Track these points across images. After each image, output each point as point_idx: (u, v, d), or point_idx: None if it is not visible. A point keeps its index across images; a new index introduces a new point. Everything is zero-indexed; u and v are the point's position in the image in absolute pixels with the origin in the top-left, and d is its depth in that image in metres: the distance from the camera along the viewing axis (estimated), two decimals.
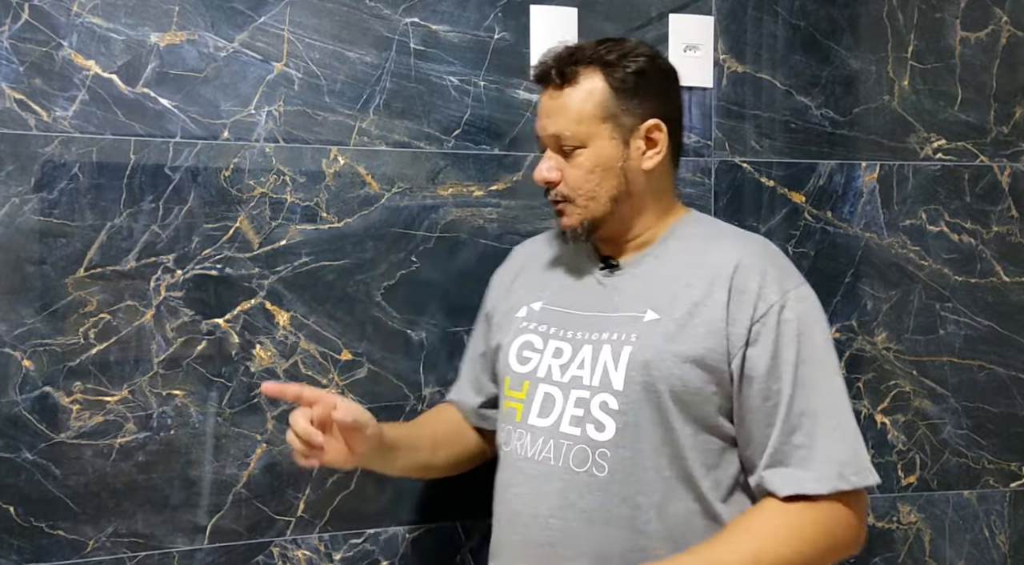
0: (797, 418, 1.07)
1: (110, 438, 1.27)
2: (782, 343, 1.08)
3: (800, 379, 1.07)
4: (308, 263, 1.35)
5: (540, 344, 1.18)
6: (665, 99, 1.17)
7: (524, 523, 1.14)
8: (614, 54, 1.14)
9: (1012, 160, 1.68)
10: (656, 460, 1.08)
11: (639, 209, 1.17)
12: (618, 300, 1.15)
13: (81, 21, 1.25)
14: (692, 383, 1.08)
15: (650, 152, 1.15)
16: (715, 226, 1.23)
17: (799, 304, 1.10)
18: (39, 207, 1.24)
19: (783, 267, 1.14)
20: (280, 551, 1.35)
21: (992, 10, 1.66)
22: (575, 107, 1.13)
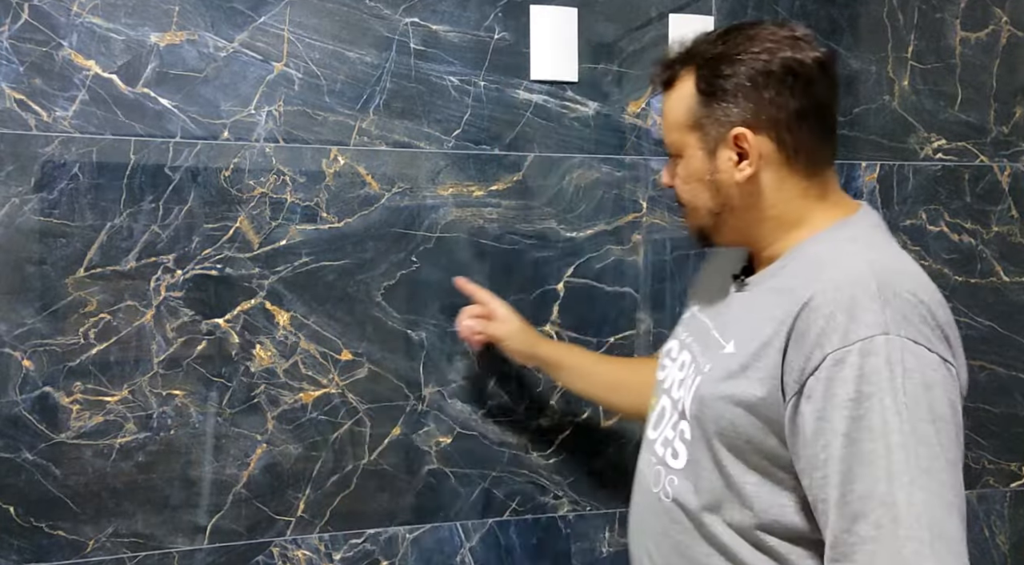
0: (861, 502, 0.86)
1: (110, 438, 1.27)
2: (831, 406, 0.88)
3: (858, 454, 0.87)
4: (308, 263, 1.35)
5: (676, 352, 1.13)
6: (764, 101, 0.99)
7: (628, 530, 1.16)
8: (716, 51, 1.02)
9: (1012, 160, 1.68)
10: (716, 502, 1.00)
11: (751, 222, 1.04)
12: (723, 320, 1.06)
13: (81, 21, 1.25)
14: (744, 429, 0.96)
15: (743, 163, 1.01)
16: (839, 246, 0.99)
17: (863, 359, 0.87)
18: (39, 207, 1.24)
19: (867, 309, 0.89)
20: (280, 551, 1.35)
21: (992, 10, 1.66)
22: (669, 114, 1.06)
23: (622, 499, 1.50)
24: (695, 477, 1.02)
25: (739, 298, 1.06)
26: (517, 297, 1.44)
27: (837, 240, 1.00)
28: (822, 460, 0.89)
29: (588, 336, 1.48)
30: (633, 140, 1.49)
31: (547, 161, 1.45)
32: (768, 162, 1.01)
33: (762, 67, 0.99)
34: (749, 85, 0.99)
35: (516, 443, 1.45)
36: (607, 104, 1.48)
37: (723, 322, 1.06)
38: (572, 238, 1.47)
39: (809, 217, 1.03)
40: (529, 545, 1.46)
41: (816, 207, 1.03)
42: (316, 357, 1.36)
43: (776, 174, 1.02)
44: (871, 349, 0.87)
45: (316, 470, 1.36)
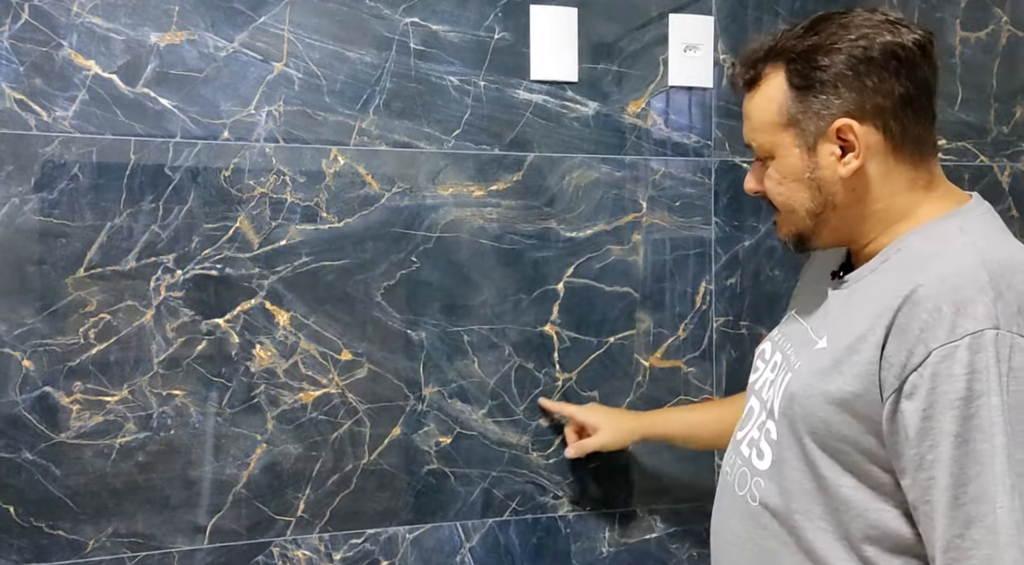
0: (974, 506, 0.83)
1: (110, 438, 1.27)
2: (940, 404, 0.84)
3: (971, 454, 0.83)
4: (308, 263, 1.35)
5: (769, 353, 1.10)
6: (866, 89, 0.95)
7: (710, 531, 1.14)
8: (807, 43, 0.97)
9: (1012, 160, 1.68)
10: (807, 506, 0.96)
11: (854, 219, 0.99)
12: (822, 319, 1.02)
13: (81, 21, 1.25)
14: (837, 428, 0.92)
15: (848, 156, 0.96)
16: (955, 236, 0.94)
17: (973, 355, 0.83)
18: (39, 207, 1.24)
19: (975, 301, 0.85)
20: (280, 551, 1.35)
21: (992, 10, 1.66)
22: (756, 115, 1.01)
23: (622, 499, 1.50)
24: (779, 478, 0.99)
25: (837, 296, 1.02)
26: (517, 297, 1.44)
27: (945, 231, 0.95)
28: (929, 461, 0.85)
29: (588, 336, 1.48)
30: (633, 140, 1.49)
31: (547, 161, 1.45)
32: (874, 153, 0.96)
33: (862, 54, 0.94)
34: (850, 74, 0.95)
35: (516, 443, 1.45)
36: (607, 104, 1.48)
37: (820, 321, 1.02)
38: (572, 238, 1.47)
39: (916, 209, 0.98)
40: (529, 545, 1.46)
41: (924, 198, 0.98)
42: (316, 357, 1.36)
43: (883, 165, 0.97)
44: (981, 345, 0.83)
45: (316, 470, 1.36)
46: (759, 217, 1.55)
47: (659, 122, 1.51)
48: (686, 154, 1.52)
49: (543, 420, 1.47)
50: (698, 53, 1.51)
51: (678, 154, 1.52)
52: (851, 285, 1.00)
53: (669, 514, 1.53)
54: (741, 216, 1.54)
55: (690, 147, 1.52)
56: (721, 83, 1.53)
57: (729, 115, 1.53)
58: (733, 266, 1.54)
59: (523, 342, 1.45)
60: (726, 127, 1.53)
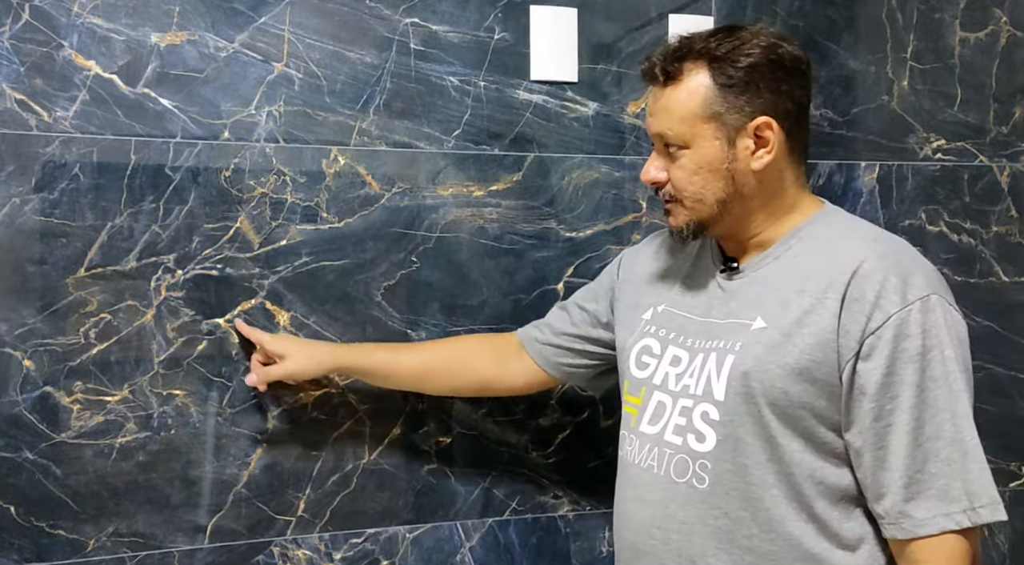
0: (931, 443, 0.98)
1: (110, 438, 1.27)
2: (900, 360, 0.98)
3: (927, 400, 0.98)
4: (308, 263, 1.35)
5: (658, 349, 1.15)
6: (780, 93, 1.07)
7: (632, 530, 1.15)
8: (726, 46, 1.06)
9: (1011, 160, 1.68)
10: (761, 476, 1.04)
11: (753, 209, 1.10)
12: (733, 305, 1.10)
13: (82, 21, 1.25)
14: (796, 396, 1.02)
15: (760, 151, 1.07)
16: (849, 225, 1.11)
17: (925, 316, 0.99)
18: (40, 207, 1.24)
19: (913, 273, 1.02)
20: (280, 551, 1.35)
21: (991, 10, 1.66)
22: (677, 106, 1.07)
23: None
24: (734, 454, 1.05)
25: (736, 284, 1.12)
26: (517, 297, 1.44)
27: (838, 222, 1.11)
28: (887, 411, 0.99)
29: None
30: (633, 140, 1.49)
31: (547, 161, 1.45)
32: (779, 151, 1.08)
33: (776, 60, 1.06)
34: (769, 76, 1.06)
35: (516, 443, 1.45)
36: (607, 104, 1.48)
37: (728, 307, 1.10)
38: (572, 238, 1.47)
39: (798, 204, 1.12)
40: (529, 545, 1.46)
41: (802, 195, 1.13)
42: None
43: (783, 164, 1.09)
44: (929, 306, 0.99)
45: (316, 470, 1.36)
46: None
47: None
48: None
49: (543, 420, 1.47)
50: None
51: None
52: (750, 273, 1.11)
53: None
54: None
55: None
56: None
57: None
58: None
59: None
60: None
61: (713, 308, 1.12)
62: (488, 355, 1.35)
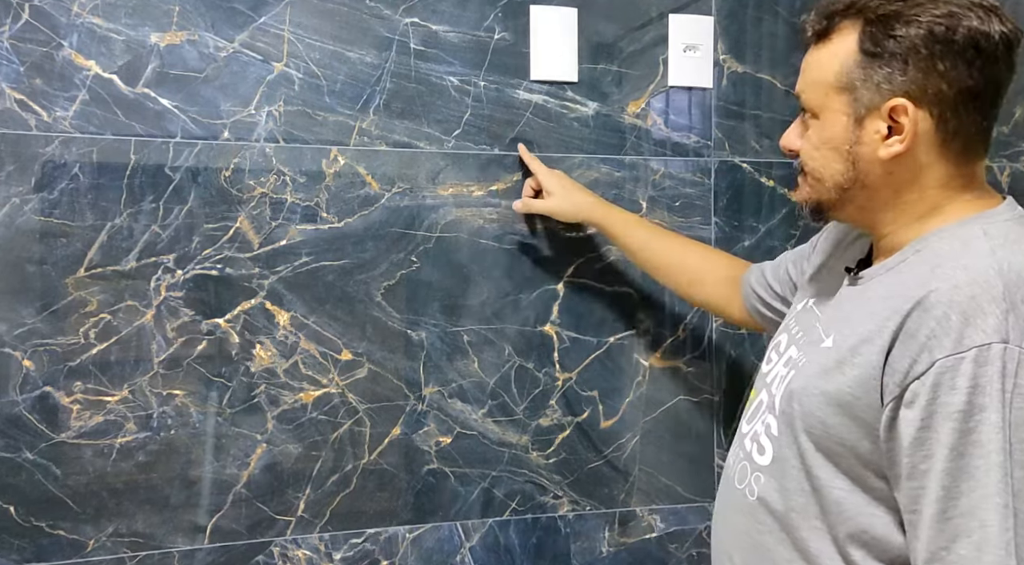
0: (963, 520, 0.82)
1: (110, 438, 1.27)
2: (939, 415, 0.82)
3: (965, 469, 0.82)
4: (308, 263, 1.35)
5: (784, 346, 1.06)
6: (934, 73, 0.88)
7: (713, 521, 1.13)
8: (890, 7, 0.89)
9: (1012, 160, 1.68)
10: (802, 503, 0.95)
11: (880, 205, 0.95)
12: (833, 315, 0.99)
13: (81, 21, 1.25)
14: (835, 430, 0.91)
15: (892, 138, 0.90)
16: (971, 240, 0.89)
17: (978, 368, 0.81)
18: (39, 207, 1.24)
19: (985, 313, 0.82)
20: (280, 551, 1.35)
21: None
22: (817, 69, 0.95)
23: (622, 499, 1.50)
24: (781, 476, 0.97)
25: (851, 292, 0.98)
26: (517, 297, 1.44)
27: (967, 234, 0.90)
28: (921, 471, 0.84)
29: (588, 336, 1.48)
30: (633, 140, 1.49)
31: (547, 161, 1.45)
32: (921, 142, 0.91)
33: (943, 33, 0.87)
34: (924, 52, 0.88)
35: (516, 443, 1.45)
36: (607, 104, 1.48)
37: (831, 316, 0.99)
38: (572, 238, 1.47)
39: (944, 207, 0.93)
40: (529, 545, 1.46)
41: (955, 198, 0.93)
42: (316, 357, 1.36)
43: (925, 157, 0.92)
44: (987, 358, 0.81)
45: (316, 470, 1.36)
46: (758, 217, 1.56)
47: (659, 122, 1.51)
48: (686, 154, 1.52)
49: (543, 420, 1.47)
50: (698, 53, 1.51)
51: (678, 154, 1.52)
52: (866, 282, 0.97)
53: (669, 514, 1.53)
54: (740, 216, 1.54)
55: (690, 147, 1.52)
56: (721, 83, 1.53)
57: (729, 115, 1.54)
58: None
59: (523, 342, 1.45)
60: (726, 127, 1.54)
61: (827, 313, 1.01)
62: (722, 284, 1.35)
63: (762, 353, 1.55)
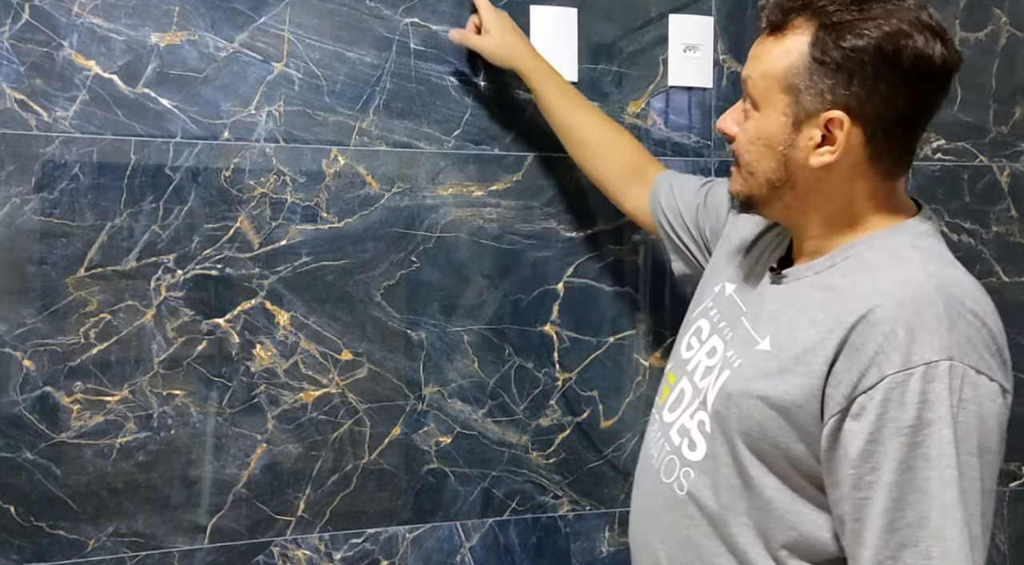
0: (910, 530, 0.84)
1: (110, 438, 1.27)
2: (888, 430, 0.84)
3: (913, 482, 0.84)
4: (308, 263, 1.35)
5: (706, 334, 1.06)
6: (875, 92, 0.89)
7: (632, 513, 1.12)
8: (845, 15, 0.89)
9: (1011, 160, 1.68)
10: (732, 501, 0.96)
11: (807, 209, 0.97)
12: (760, 313, 1.00)
13: (81, 21, 1.25)
14: (772, 433, 0.92)
15: (824, 148, 0.92)
16: (900, 252, 0.92)
17: (926, 385, 0.83)
18: (39, 207, 1.24)
19: (932, 330, 0.84)
20: (280, 551, 1.35)
21: (991, 10, 1.66)
22: (767, 61, 0.94)
23: (622, 499, 1.50)
24: (713, 473, 0.98)
25: (775, 291, 1.00)
26: (517, 297, 1.44)
27: (895, 246, 0.93)
28: (868, 482, 0.86)
29: (588, 336, 1.48)
30: None
31: (547, 161, 1.45)
32: (850, 156, 0.92)
33: (890, 53, 0.88)
34: (870, 69, 0.88)
35: (516, 443, 1.45)
36: (607, 104, 1.48)
37: (756, 313, 1.00)
38: (572, 238, 1.47)
39: (865, 219, 0.96)
40: (529, 545, 1.46)
41: (875, 210, 0.96)
42: (316, 357, 1.36)
43: (853, 170, 0.93)
44: (935, 375, 0.83)
45: (316, 470, 1.36)
46: None
47: (659, 122, 1.51)
48: (686, 154, 1.52)
49: (543, 420, 1.47)
50: (698, 53, 1.51)
51: (678, 154, 1.52)
52: (790, 282, 0.99)
53: None
54: None
55: (690, 147, 1.52)
56: (721, 83, 1.53)
57: None
58: None
59: (523, 342, 1.45)
60: None
61: (751, 308, 1.02)
62: (625, 170, 1.35)
63: None
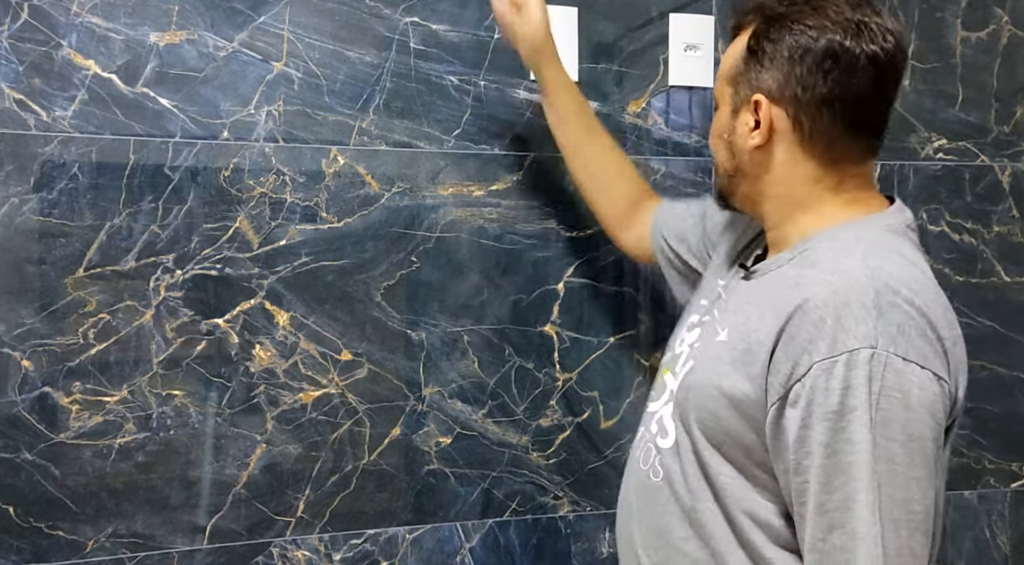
0: (838, 513, 0.87)
1: (110, 438, 1.27)
2: (815, 416, 0.88)
3: (838, 465, 0.87)
4: (308, 263, 1.35)
5: (691, 327, 1.10)
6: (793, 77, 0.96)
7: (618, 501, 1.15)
8: (782, 10, 0.98)
9: (1013, 160, 1.67)
10: (698, 486, 0.99)
11: (760, 195, 1.03)
12: (726, 305, 1.04)
13: (81, 21, 1.25)
14: (724, 423, 0.96)
15: (756, 131, 0.99)
16: (849, 245, 0.95)
17: (848, 372, 0.86)
18: (38, 207, 1.24)
19: (858, 318, 0.87)
20: (280, 551, 1.35)
21: (993, 10, 1.66)
22: (725, 61, 1.04)
23: None
24: (679, 459, 1.02)
25: (743, 286, 1.04)
26: (517, 297, 1.44)
27: (843, 239, 0.96)
28: (804, 467, 0.89)
29: (588, 336, 1.48)
30: (633, 140, 1.49)
31: (547, 161, 1.45)
32: (781, 138, 0.99)
33: (805, 43, 0.95)
34: (786, 55, 0.96)
35: (516, 443, 1.45)
36: (607, 104, 1.48)
37: (724, 307, 1.04)
38: (572, 238, 1.47)
39: (818, 206, 0.99)
40: (529, 545, 1.46)
41: (827, 198, 0.99)
42: (316, 357, 1.36)
43: (788, 153, 0.99)
44: (856, 362, 0.86)
45: (316, 470, 1.36)
46: None
47: (659, 122, 1.50)
48: (686, 154, 1.52)
49: (543, 420, 1.46)
50: (698, 53, 1.51)
51: (678, 154, 1.51)
52: (757, 277, 1.03)
53: None
54: None
55: (690, 147, 1.52)
56: None
57: None
58: None
59: (523, 342, 1.45)
60: None
61: (723, 301, 1.06)
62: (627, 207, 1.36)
63: None
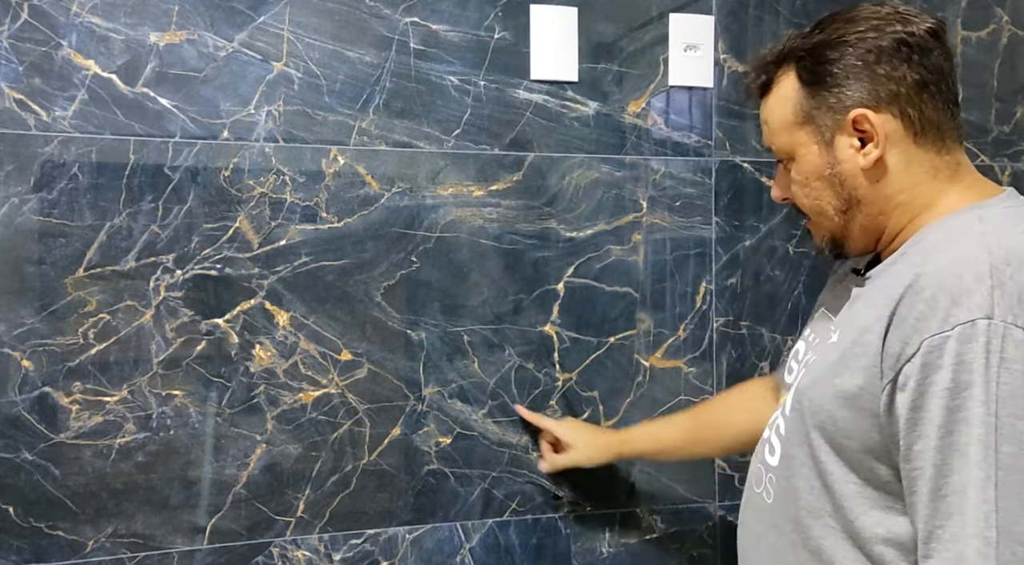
0: (955, 498, 0.81)
1: (110, 438, 1.27)
2: (928, 395, 0.82)
3: (954, 446, 0.81)
4: (308, 263, 1.35)
5: (802, 354, 1.06)
6: (877, 77, 0.93)
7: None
8: (812, 40, 0.96)
9: (1013, 160, 1.67)
10: (812, 502, 0.95)
11: (879, 213, 0.97)
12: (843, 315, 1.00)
13: (80, 21, 1.25)
14: (844, 424, 0.91)
15: (868, 146, 0.94)
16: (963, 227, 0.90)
17: (962, 345, 0.81)
18: (38, 207, 1.24)
19: (974, 291, 0.82)
20: (280, 551, 1.35)
21: (993, 10, 1.66)
22: (773, 117, 1.01)
23: (622, 500, 1.50)
24: (789, 475, 0.98)
25: (859, 292, 0.99)
26: (517, 297, 1.44)
27: (962, 222, 0.91)
28: (916, 452, 0.84)
29: (588, 336, 1.48)
30: (633, 140, 1.49)
31: (547, 161, 1.45)
32: (894, 142, 0.94)
33: (871, 44, 0.93)
34: (860, 64, 0.93)
35: (516, 443, 1.45)
36: (607, 104, 1.47)
37: (842, 316, 1.00)
38: (572, 238, 1.47)
39: (940, 200, 0.95)
40: (529, 545, 1.46)
41: (948, 189, 0.95)
42: (316, 357, 1.36)
43: (904, 154, 0.95)
44: (971, 335, 0.81)
45: (316, 470, 1.36)
46: (759, 217, 1.55)
47: (659, 122, 1.50)
48: (686, 154, 1.52)
49: None
50: (698, 53, 1.51)
51: (678, 154, 1.51)
52: (872, 280, 0.98)
53: (669, 514, 1.53)
54: (741, 216, 1.54)
55: (690, 147, 1.52)
56: (721, 83, 1.53)
57: (730, 115, 1.53)
58: (733, 266, 1.54)
59: (523, 342, 1.45)
60: (726, 127, 1.53)
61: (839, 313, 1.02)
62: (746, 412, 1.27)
63: (763, 353, 1.55)
